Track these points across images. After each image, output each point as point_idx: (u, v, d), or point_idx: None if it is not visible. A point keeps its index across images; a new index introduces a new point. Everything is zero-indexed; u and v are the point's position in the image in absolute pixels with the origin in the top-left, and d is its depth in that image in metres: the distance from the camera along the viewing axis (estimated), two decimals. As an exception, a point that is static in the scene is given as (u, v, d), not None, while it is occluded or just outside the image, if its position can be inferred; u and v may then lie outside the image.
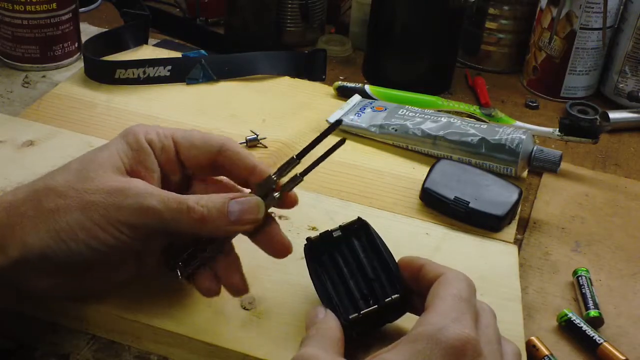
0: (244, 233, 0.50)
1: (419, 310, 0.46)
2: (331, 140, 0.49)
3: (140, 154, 0.50)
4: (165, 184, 0.51)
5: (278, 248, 0.50)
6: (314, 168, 0.49)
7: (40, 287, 0.48)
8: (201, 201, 0.47)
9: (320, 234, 0.51)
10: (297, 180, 0.49)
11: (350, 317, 0.48)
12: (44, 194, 0.47)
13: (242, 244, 0.51)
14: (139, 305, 0.52)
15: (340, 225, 0.51)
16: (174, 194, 0.48)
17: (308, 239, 0.51)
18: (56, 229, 0.46)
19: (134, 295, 0.53)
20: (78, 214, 0.46)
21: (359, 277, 0.49)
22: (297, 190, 0.50)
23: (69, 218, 0.46)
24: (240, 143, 0.73)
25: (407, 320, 0.49)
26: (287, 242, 0.50)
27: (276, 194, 0.49)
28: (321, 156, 0.49)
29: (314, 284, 0.50)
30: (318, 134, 0.49)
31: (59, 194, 0.47)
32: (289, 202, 0.51)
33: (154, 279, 0.53)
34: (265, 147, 0.74)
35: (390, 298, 0.48)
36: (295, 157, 0.50)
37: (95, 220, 0.46)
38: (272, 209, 0.50)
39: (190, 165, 0.52)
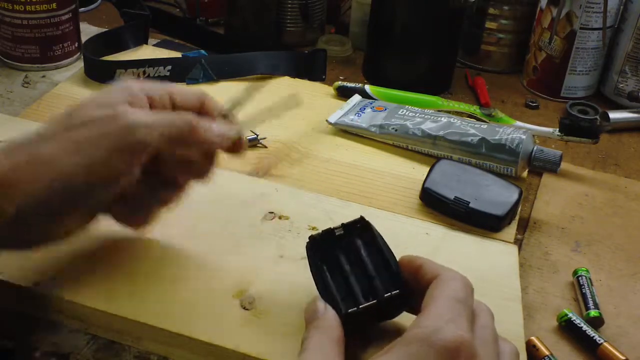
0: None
1: (417, 310, 0.46)
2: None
3: (128, 91, 0.52)
4: None
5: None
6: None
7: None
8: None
9: (322, 231, 0.51)
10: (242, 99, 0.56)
11: (349, 310, 0.47)
12: (36, 141, 0.48)
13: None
14: (139, 305, 0.52)
15: (342, 224, 0.51)
16: None
17: (311, 236, 0.51)
18: (51, 177, 0.47)
19: (134, 296, 0.53)
20: (70, 157, 0.47)
21: (360, 274, 0.49)
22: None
23: (63, 163, 0.47)
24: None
25: (405, 320, 0.49)
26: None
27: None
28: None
29: (314, 279, 0.50)
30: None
31: (50, 139, 0.48)
32: (236, 144, 0.55)
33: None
34: (265, 147, 0.74)
35: (389, 294, 0.48)
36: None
37: (88, 154, 0.47)
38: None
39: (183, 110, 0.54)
